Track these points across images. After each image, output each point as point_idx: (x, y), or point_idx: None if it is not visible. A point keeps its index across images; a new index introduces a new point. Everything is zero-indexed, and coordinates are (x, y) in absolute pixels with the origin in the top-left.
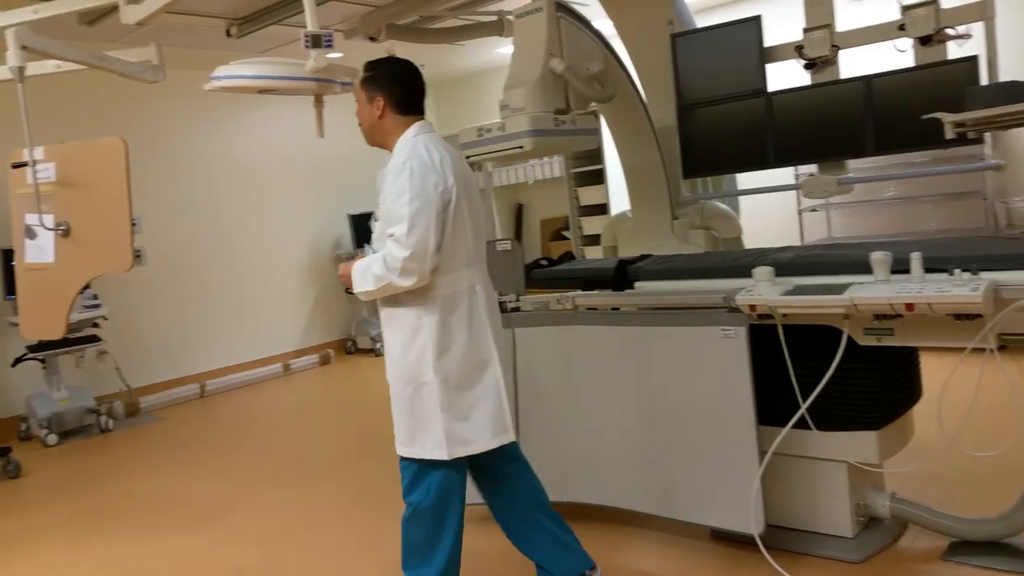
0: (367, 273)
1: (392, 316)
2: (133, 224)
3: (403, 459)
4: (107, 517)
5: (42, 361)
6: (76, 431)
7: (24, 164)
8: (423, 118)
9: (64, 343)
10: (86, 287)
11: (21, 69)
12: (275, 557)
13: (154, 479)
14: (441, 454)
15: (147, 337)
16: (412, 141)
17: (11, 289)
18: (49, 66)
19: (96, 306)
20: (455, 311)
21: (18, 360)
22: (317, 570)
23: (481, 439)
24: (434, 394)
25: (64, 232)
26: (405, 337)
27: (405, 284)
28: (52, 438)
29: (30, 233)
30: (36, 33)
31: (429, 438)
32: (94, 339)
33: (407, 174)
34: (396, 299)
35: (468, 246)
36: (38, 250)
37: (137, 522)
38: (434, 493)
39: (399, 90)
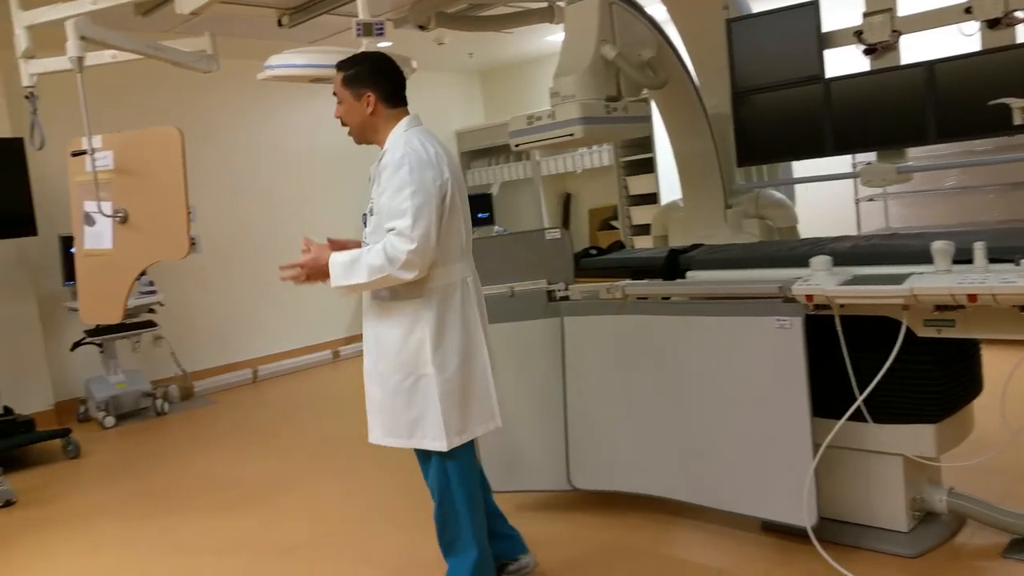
0: (357, 266)
1: (387, 310)
2: (189, 212)
3: (417, 452)
4: (162, 497)
5: (100, 345)
6: (133, 413)
7: (83, 152)
8: (408, 111)
9: (121, 328)
10: (143, 273)
11: (80, 59)
12: (324, 538)
13: (208, 461)
14: (440, 445)
15: (201, 323)
16: (405, 135)
17: (70, 275)
18: (106, 56)
19: (152, 292)
20: (450, 303)
21: (76, 344)
22: (365, 551)
23: (474, 426)
24: (432, 385)
25: (122, 219)
26: (402, 331)
27: (406, 277)
28: (109, 420)
29: (89, 220)
30: (94, 23)
31: (429, 429)
32: (150, 324)
33: (406, 169)
34: (392, 292)
35: (461, 239)
36: (97, 237)
37: (191, 502)
38: (448, 481)
39: (384, 83)
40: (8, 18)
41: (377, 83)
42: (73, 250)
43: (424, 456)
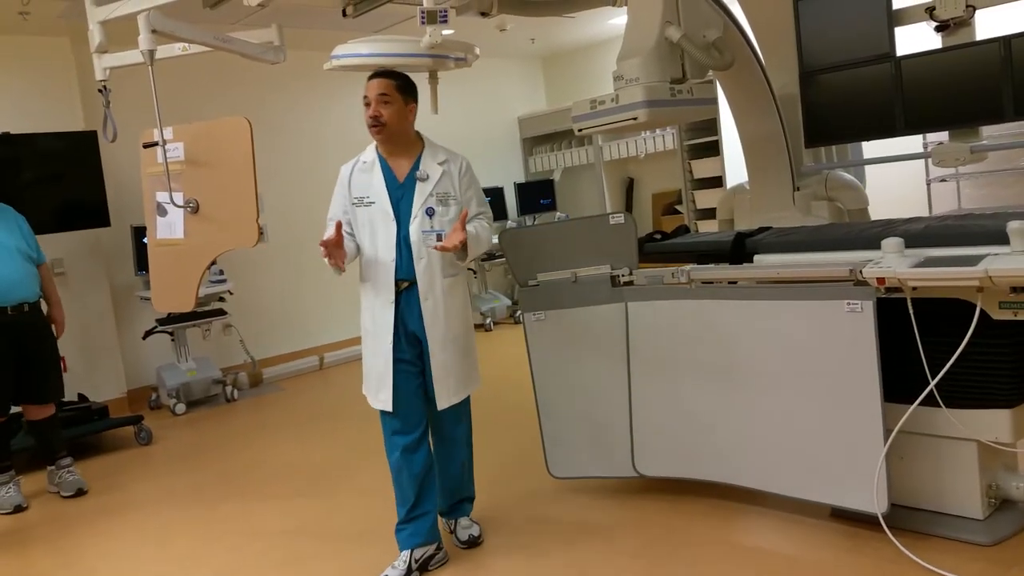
0: (480, 241)
1: (454, 284)
2: (258, 201)
3: (455, 408)
4: (232, 483)
5: (171, 334)
6: (203, 400)
7: (155, 144)
8: None
9: (192, 316)
10: (213, 262)
11: (151, 52)
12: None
13: (276, 447)
14: (479, 379)
15: (269, 311)
16: (445, 147)
17: (142, 265)
18: (176, 49)
19: (222, 281)
20: None
21: (148, 333)
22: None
23: None
24: (473, 334)
25: (193, 209)
26: (462, 296)
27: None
28: (180, 407)
29: (161, 210)
30: (165, 17)
31: (474, 372)
32: (220, 312)
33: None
34: (457, 268)
35: None
36: (168, 227)
37: (260, 488)
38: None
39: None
40: (82, 14)
41: (417, 101)
42: (145, 240)
43: (459, 408)
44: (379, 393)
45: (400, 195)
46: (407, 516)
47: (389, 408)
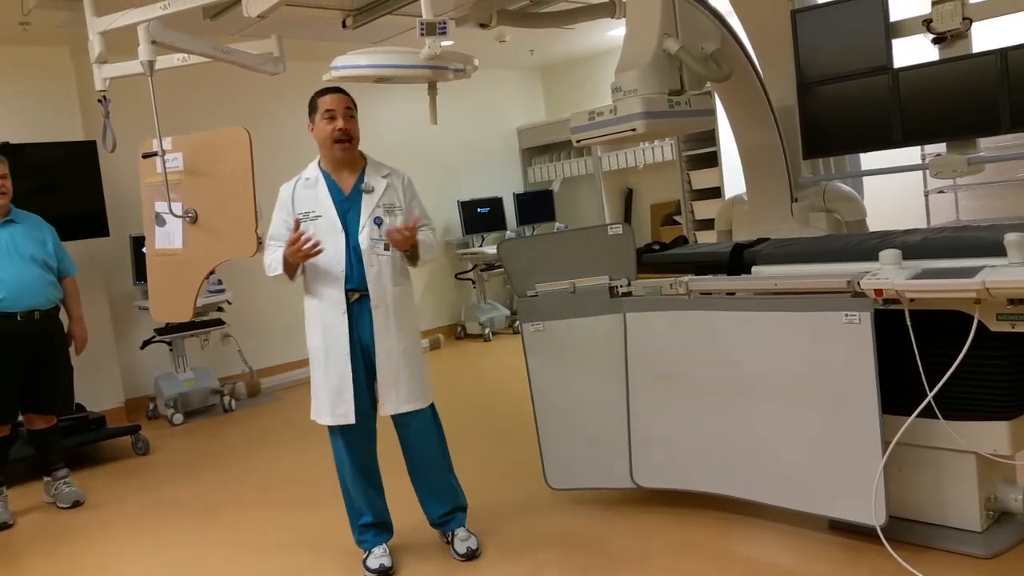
0: (430, 247)
1: (405, 291)
2: (257, 211)
3: (427, 410)
4: (229, 493)
5: (169, 343)
6: (201, 410)
7: (154, 154)
8: None
9: (190, 326)
10: (212, 272)
11: (151, 63)
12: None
13: (274, 457)
14: (432, 395)
15: (267, 320)
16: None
17: (140, 275)
18: (175, 60)
19: (221, 291)
20: None
21: (146, 343)
22: (429, 549)
23: None
24: (420, 348)
25: (192, 219)
26: (414, 308)
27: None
28: (178, 417)
29: (159, 220)
30: (165, 28)
31: (427, 386)
32: (219, 322)
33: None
34: (407, 277)
35: None
36: (167, 236)
37: (258, 499)
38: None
39: None
40: (82, 24)
41: None
42: (144, 250)
43: (421, 422)
44: (337, 408)
45: (347, 207)
46: (372, 522)
47: (351, 420)
